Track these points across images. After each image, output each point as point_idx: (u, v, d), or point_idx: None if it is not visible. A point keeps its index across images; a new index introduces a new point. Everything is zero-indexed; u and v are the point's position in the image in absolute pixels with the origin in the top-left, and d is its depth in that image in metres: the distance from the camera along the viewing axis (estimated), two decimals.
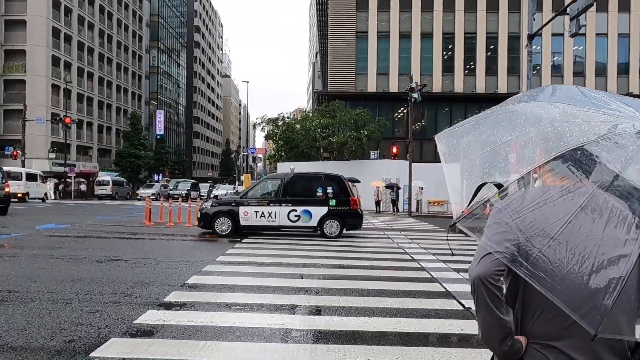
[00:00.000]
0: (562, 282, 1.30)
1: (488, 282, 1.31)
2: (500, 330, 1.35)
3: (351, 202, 13.24)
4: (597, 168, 1.41)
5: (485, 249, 1.35)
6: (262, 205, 13.01)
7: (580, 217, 1.32)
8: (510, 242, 1.33)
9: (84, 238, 11.98)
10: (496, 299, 1.32)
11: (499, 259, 1.31)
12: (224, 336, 4.51)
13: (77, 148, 51.42)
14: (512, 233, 1.35)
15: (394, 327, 4.91)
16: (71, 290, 6.19)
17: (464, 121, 1.73)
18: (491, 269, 1.31)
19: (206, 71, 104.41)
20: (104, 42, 57.68)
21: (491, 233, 1.38)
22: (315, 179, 13.89)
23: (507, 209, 1.40)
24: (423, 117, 38.29)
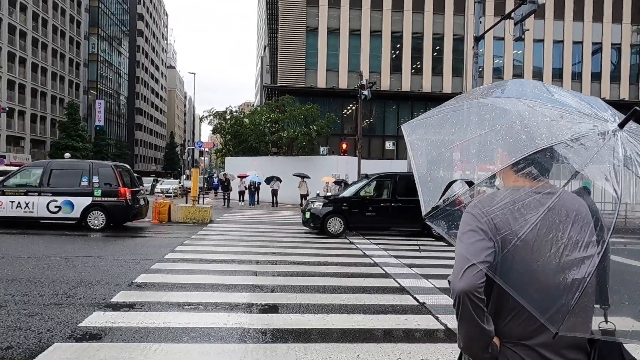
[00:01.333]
0: (529, 284, 1.34)
1: (473, 296, 1.30)
2: (483, 340, 1.37)
3: (120, 193, 12.60)
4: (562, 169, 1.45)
5: (467, 260, 1.33)
6: (19, 194, 12.29)
7: (547, 221, 1.35)
8: (488, 250, 1.34)
9: (17, 235, 11.18)
10: (481, 311, 1.32)
11: (482, 271, 1.31)
12: (178, 338, 4.32)
13: (7, 138, 48.04)
14: (488, 241, 1.35)
15: (353, 324, 4.90)
16: (5, 291, 5.73)
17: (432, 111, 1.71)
18: (475, 283, 1.30)
19: (150, 61, 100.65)
20: (37, 26, 54.10)
21: (469, 242, 1.36)
22: (80, 167, 13.00)
23: (480, 214, 1.40)
24: (371, 114, 38.82)
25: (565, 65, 39.49)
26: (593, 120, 1.39)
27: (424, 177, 1.64)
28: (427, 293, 6.31)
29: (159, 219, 15.34)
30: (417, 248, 10.58)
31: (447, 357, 4.03)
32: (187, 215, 15.64)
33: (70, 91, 62.84)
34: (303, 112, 32.18)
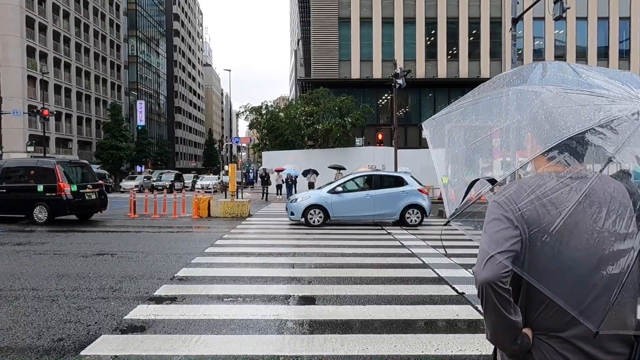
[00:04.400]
0: (565, 282, 1.28)
1: (497, 286, 1.26)
2: (510, 332, 1.32)
3: (59, 188, 13.33)
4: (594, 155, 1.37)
5: (488, 251, 1.28)
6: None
7: (580, 211, 1.28)
8: (514, 239, 1.29)
9: (67, 232, 11.72)
10: (505, 301, 1.28)
11: (506, 260, 1.26)
12: (218, 329, 4.43)
13: (56, 141, 50.33)
14: (514, 229, 1.30)
15: (390, 315, 4.87)
16: (57, 286, 6.03)
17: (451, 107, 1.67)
18: (498, 273, 1.25)
19: (187, 60, 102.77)
20: (80, 31, 56.23)
21: (493, 231, 1.32)
22: (28, 165, 14.38)
23: (506, 202, 1.34)
24: (407, 103, 38.30)
25: (611, 44, 37.60)
26: (625, 100, 1.32)
27: (450, 182, 1.61)
28: (466, 283, 6.20)
29: (199, 214, 15.72)
30: (437, 238, 10.40)
31: (487, 347, 3.96)
32: (226, 210, 15.95)
33: (113, 93, 65.06)
34: (337, 104, 32.09)
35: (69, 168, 14.39)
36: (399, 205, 13.26)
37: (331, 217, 13.22)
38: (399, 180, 13.78)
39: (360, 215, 13.34)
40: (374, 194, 13.31)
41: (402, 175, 14.24)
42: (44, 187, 13.48)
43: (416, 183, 13.72)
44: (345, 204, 13.27)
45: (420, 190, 13.54)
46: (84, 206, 14.25)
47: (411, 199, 13.30)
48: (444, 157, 1.73)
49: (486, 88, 1.58)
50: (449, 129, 1.69)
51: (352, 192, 13.49)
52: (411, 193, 13.37)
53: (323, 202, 13.27)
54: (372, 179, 13.84)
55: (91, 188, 14.56)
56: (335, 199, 13.28)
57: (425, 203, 13.45)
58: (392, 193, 13.39)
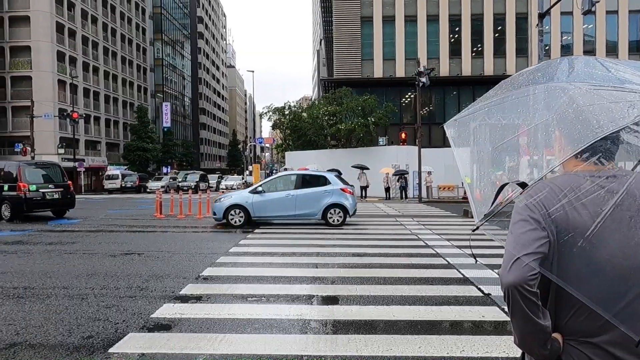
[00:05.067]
0: (597, 285, 1.24)
1: (523, 289, 1.21)
2: (539, 337, 1.27)
3: (18, 187, 14.52)
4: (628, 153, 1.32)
5: (514, 253, 1.24)
6: None
7: (616, 213, 1.23)
8: (541, 240, 1.24)
9: (96, 232, 12.00)
10: (533, 305, 1.23)
11: (533, 262, 1.22)
12: (242, 328, 4.46)
13: (85, 143, 51.63)
14: (541, 230, 1.25)
15: (414, 316, 4.83)
16: (86, 285, 6.18)
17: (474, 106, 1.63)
18: (525, 275, 1.21)
19: (211, 62, 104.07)
20: (107, 35, 57.55)
21: (519, 232, 1.27)
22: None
23: (534, 203, 1.29)
24: (431, 101, 37.93)
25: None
26: None
27: (475, 182, 1.58)
28: (492, 284, 6.09)
29: None
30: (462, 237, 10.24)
31: (514, 350, 3.87)
32: None
33: (139, 95, 66.35)
34: (360, 104, 32.01)
35: (35, 170, 15.63)
36: (320, 204, 13.14)
37: (252, 217, 13.13)
38: (322, 180, 13.58)
39: (281, 214, 13.24)
40: (296, 193, 13.19)
41: (326, 174, 14.02)
42: (8, 186, 14.69)
43: (339, 182, 13.55)
44: (266, 203, 13.16)
45: (343, 189, 13.34)
46: (44, 204, 15.29)
47: (333, 198, 13.16)
48: (468, 157, 1.71)
49: (509, 85, 1.54)
50: (474, 128, 1.66)
51: (273, 192, 13.36)
52: (333, 192, 13.21)
53: (244, 202, 13.17)
54: (295, 179, 13.67)
55: (53, 188, 15.49)
56: (257, 198, 13.17)
57: (348, 202, 13.25)
58: (314, 192, 13.25)
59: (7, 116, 45.75)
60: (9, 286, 6.10)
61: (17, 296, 5.62)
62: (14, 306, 5.19)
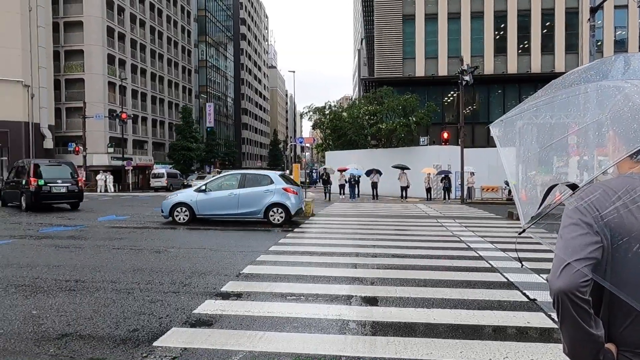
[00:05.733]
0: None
1: (574, 296, 1.15)
2: (591, 347, 1.20)
3: (29, 182, 16.74)
4: None
5: (564, 258, 1.18)
6: None
7: None
8: (594, 245, 1.17)
9: (143, 229, 12.41)
10: (585, 313, 1.17)
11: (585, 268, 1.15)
12: (281, 327, 4.50)
13: (133, 142, 53.55)
14: (594, 235, 1.18)
15: (455, 319, 4.72)
16: (133, 280, 6.40)
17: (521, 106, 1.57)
18: (576, 281, 1.15)
19: (253, 63, 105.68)
20: (155, 38, 59.50)
21: (570, 236, 1.21)
22: (19, 164, 17.74)
23: (586, 206, 1.22)
24: (474, 100, 37.04)
25: None
26: None
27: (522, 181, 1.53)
28: (538, 289, 5.88)
29: None
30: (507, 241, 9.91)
31: (562, 358, 3.72)
32: None
33: (184, 96, 68.22)
34: (401, 103, 31.66)
35: (46, 167, 17.92)
36: (262, 204, 13.27)
37: (197, 214, 13.43)
38: (265, 180, 13.70)
39: (224, 213, 13.44)
40: (238, 192, 13.34)
41: (270, 174, 14.17)
42: (25, 181, 17.19)
43: (282, 182, 13.60)
44: (210, 202, 13.39)
45: (286, 189, 13.38)
46: (51, 197, 17.50)
47: (275, 197, 13.24)
48: (514, 157, 1.66)
49: (559, 85, 1.48)
50: (520, 127, 1.60)
51: (218, 191, 13.54)
52: (275, 192, 13.29)
53: (188, 200, 13.50)
54: (239, 178, 13.82)
55: (60, 183, 17.70)
56: (201, 197, 13.46)
57: (289, 202, 13.27)
58: (256, 192, 13.38)
59: (61, 117, 48.09)
60: (61, 279, 6.41)
61: (69, 289, 5.89)
62: (66, 298, 5.44)
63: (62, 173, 18.31)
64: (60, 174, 18.13)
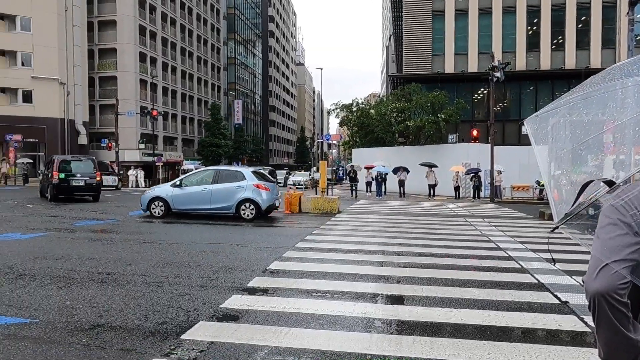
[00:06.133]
0: None
1: (612, 299, 1.10)
2: (629, 352, 1.15)
3: (52, 175, 18.61)
4: None
5: (602, 259, 1.14)
6: None
7: None
8: (633, 247, 1.13)
9: (172, 224, 12.65)
10: (623, 316, 1.12)
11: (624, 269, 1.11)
12: (306, 323, 4.51)
13: (163, 139, 54.61)
14: (633, 236, 1.13)
15: (483, 320, 4.64)
16: (162, 273, 6.53)
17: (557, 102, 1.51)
18: (614, 283, 1.10)
19: (281, 60, 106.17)
20: (185, 36, 60.45)
21: (608, 237, 1.16)
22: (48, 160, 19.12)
23: (625, 206, 1.17)
24: (505, 97, 36.26)
25: None
26: None
27: (555, 179, 1.48)
28: (570, 291, 5.72)
29: (290, 209, 16.18)
30: (539, 241, 9.65)
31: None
32: (316, 206, 16.24)
33: (213, 93, 69.13)
34: (430, 100, 31.29)
35: (68, 162, 19.75)
36: (233, 199, 13.63)
37: (172, 209, 13.92)
38: (238, 176, 14.05)
39: (198, 208, 13.85)
40: (211, 188, 13.74)
41: (242, 170, 14.53)
42: (50, 174, 19.01)
43: (254, 178, 13.93)
44: (184, 197, 13.83)
45: (257, 185, 13.71)
46: (70, 189, 19.19)
47: (246, 193, 13.58)
48: (547, 153, 1.61)
49: (599, 80, 1.42)
50: (553, 124, 1.56)
51: (193, 186, 13.96)
52: (247, 188, 13.63)
53: (164, 194, 13.97)
54: (213, 174, 14.24)
55: (80, 177, 19.33)
56: (176, 192, 13.90)
57: (260, 198, 13.60)
58: (228, 188, 13.73)
59: (95, 113, 49.43)
60: (94, 271, 6.59)
61: (101, 281, 6.05)
62: (98, 290, 5.59)
63: (83, 168, 19.82)
64: (81, 169, 19.69)
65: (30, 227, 11.24)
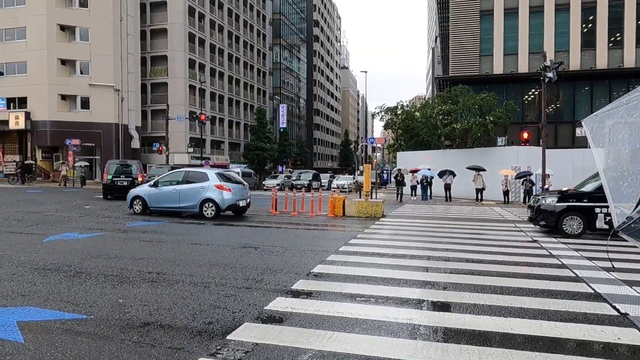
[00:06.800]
0: None
1: None
2: None
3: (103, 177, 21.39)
4: None
5: None
6: None
7: None
8: None
9: (219, 226, 12.93)
10: None
11: None
12: (350, 328, 4.48)
13: (210, 142, 56.04)
14: None
15: (535, 331, 4.45)
16: (209, 274, 6.68)
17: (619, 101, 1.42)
18: None
19: (325, 64, 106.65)
20: (232, 42, 61.90)
21: None
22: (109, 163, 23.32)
23: None
24: (558, 98, 34.84)
25: None
26: None
27: (615, 180, 1.40)
28: (630, 302, 5.41)
29: (334, 213, 16.17)
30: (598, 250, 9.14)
31: None
32: (360, 210, 16.16)
33: (258, 98, 70.33)
34: (478, 102, 30.49)
35: (116, 165, 23.11)
36: (197, 198, 14.58)
37: (149, 207, 15.22)
38: (202, 177, 15.00)
39: (169, 206, 15.03)
40: (179, 188, 14.88)
41: (207, 171, 15.45)
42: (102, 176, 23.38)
43: (216, 179, 14.73)
44: (159, 196, 15.08)
45: (218, 186, 14.52)
46: (115, 189, 21.95)
47: (207, 193, 14.49)
48: (605, 155, 1.52)
49: None
50: (612, 125, 1.47)
51: (166, 186, 15.15)
52: (208, 188, 14.54)
53: (143, 193, 15.35)
54: (182, 175, 15.40)
55: (124, 178, 22.29)
56: (153, 191, 15.19)
57: (219, 198, 14.43)
58: (192, 188, 14.76)
59: (147, 118, 51.40)
60: (144, 271, 6.83)
61: (151, 280, 6.26)
62: (148, 289, 5.79)
63: (129, 170, 23.01)
64: (126, 171, 22.87)
65: (86, 227, 11.81)
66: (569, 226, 11.39)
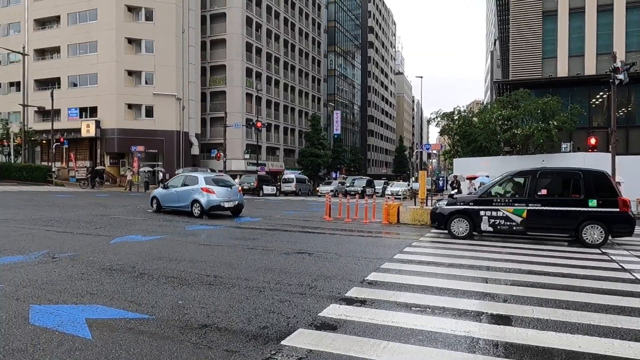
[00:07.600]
0: None
1: None
2: None
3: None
4: None
5: None
6: None
7: None
8: None
9: (274, 231, 13.12)
10: None
11: None
12: (405, 338, 4.38)
13: (266, 149, 57.20)
14: None
15: (606, 350, 4.16)
16: (264, 279, 6.77)
17: None
18: None
19: (379, 70, 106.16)
20: (287, 51, 63.04)
21: None
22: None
23: None
24: (629, 101, 32.71)
25: None
26: None
27: None
28: None
29: (388, 220, 15.98)
30: None
31: None
32: (415, 217, 15.87)
33: (313, 105, 71.05)
34: (540, 106, 29.19)
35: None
36: (189, 199, 16.49)
37: (162, 206, 17.55)
38: (194, 180, 16.73)
39: (173, 205, 17.19)
40: (179, 190, 16.97)
41: (199, 176, 17.03)
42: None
43: (204, 183, 16.33)
44: (167, 196, 17.44)
45: (204, 189, 16.17)
46: None
47: (195, 195, 16.30)
48: None
49: None
50: None
51: (173, 188, 17.33)
52: (196, 191, 16.32)
53: (158, 194, 17.89)
54: (182, 179, 17.44)
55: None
56: (164, 192, 17.70)
57: (203, 199, 16.04)
58: (186, 190, 16.69)
59: (206, 126, 53.25)
60: (202, 274, 7.03)
61: (208, 283, 6.43)
62: (206, 292, 5.95)
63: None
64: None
65: (149, 230, 12.34)
66: None
